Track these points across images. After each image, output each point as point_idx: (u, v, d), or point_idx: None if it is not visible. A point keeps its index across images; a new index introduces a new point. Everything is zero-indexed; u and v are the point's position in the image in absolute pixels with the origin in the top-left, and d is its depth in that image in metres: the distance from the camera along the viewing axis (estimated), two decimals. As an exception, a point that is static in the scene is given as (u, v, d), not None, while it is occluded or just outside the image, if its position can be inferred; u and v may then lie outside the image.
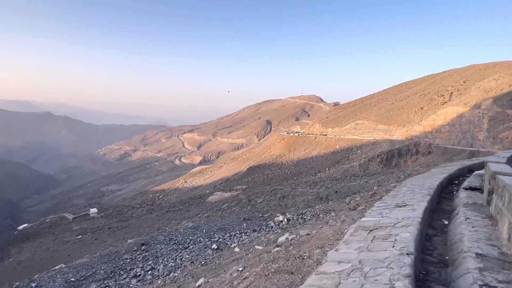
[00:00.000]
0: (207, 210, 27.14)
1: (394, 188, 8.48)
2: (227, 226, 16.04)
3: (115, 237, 25.94)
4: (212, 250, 10.61)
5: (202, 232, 15.30)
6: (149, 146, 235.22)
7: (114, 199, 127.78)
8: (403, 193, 6.96)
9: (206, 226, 16.88)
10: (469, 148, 51.56)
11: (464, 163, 14.12)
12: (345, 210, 7.95)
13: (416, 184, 8.08)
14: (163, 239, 15.37)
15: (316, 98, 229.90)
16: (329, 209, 9.98)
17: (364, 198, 8.96)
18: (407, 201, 5.91)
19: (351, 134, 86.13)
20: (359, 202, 8.25)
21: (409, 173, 17.40)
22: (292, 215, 12.41)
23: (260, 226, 13.45)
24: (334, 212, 8.64)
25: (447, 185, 9.01)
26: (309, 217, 10.37)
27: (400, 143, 65.99)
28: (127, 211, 35.01)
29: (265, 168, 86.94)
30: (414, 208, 5.30)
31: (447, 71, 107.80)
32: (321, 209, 10.80)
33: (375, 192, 9.40)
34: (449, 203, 7.13)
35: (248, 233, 12.65)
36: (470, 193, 6.94)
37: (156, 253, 13.29)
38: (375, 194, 8.79)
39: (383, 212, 5.24)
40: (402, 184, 8.58)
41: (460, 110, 61.16)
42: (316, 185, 29.43)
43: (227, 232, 14.13)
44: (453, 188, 8.99)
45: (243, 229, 14.04)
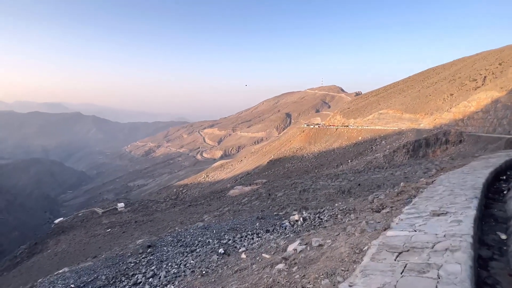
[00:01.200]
0: (228, 204, 27.42)
1: (427, 186, 7.00)
2: (239, 225, 15.38)
3: (141, 231, 27.00)
4: (218, 255, 10.07)
5: (212, 232, 14.82)
6: (172, 142, 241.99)
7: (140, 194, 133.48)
8: (440, 194, 5.43)
9: (217, 226, 16.41)
10: (507, 135, 47.73)
11: (510, 153, 11.51)
12: (367, 211, 6.83)
13: (455, 182, 6.46)
14: (171, 240, 15.00)
15: (336, 89, 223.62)
16: (349, 209, 9.05)
17: (389, 196, 7.68)
18: (447, 207, 4.51)
19: (374, 124, 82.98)
20: (383, 202, 6.97)
21: (442, 166, 15.09)
22: (309, 213, 11.68)
23: (274, 226, 12.77)
24: (354, 214, 7.63)
25: (493, 182, 7.35)
26: (326, 217, 9.58)
27: (427, 132, 62.57)
28: (151, 206, 36.34)
29: (285, 161, 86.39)
30: (458, 218, 3.92)
31: (479, 53, 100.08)
32: (340, 208, 9.82)
33: (402, 189, 7.93)
34: (501, 206, 5.55)
35: (260, 234, 12.09)
36: None
37: (162, 256, 12.83)
38: (403, 192, 7.44)
39: (416, 223, 3.95)
40: (436, 182, 6.95)
41: (496, 95, 56.62)
42: (338, 178, 28.68)
43: (239, 233, 13.55)
44: (501, 186, 7.34)
45: (255, 229, 13.36)
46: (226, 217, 20.43)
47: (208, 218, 23.66)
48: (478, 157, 12.81)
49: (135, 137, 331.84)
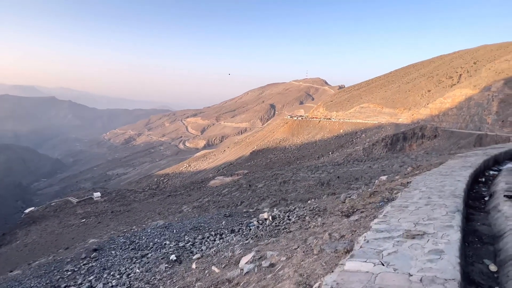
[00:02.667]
0: (208, 194, 27.17)
1: (402, 188, 6.27)
2: (203, 224, 14.30)
3: (118, 221, 26.28)
4: (169, 263, 9.28)
5: (172, 232, 13.66)
6: (153, 130, 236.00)
7: (120, 183, 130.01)
8: (415, 203, 4.56)
9: (179, 224, 15.23)
10: (477, 131, 50.36)
11: (488, 152, 10.89)
12: (336, 214, 6.32)
13: (433, 187, 5.59)
14: (122, 242, 13.60)
15: (320, 81, 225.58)
16: (319, 209, 8.70)
17: (362, 197, 7.27)
18: (424, 224, 3.66)
19: (356, 117, 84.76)
20: (355, 203, 6.50)
21: (418, 163, 14.71)
22: (280, 211, 11.37)
23: (241, 225, 11.86)
24: (322, 217, 7.15)
25: (472, 184, 6.55)
26: (294, 217, 9.07)
27: (405, 126, 64.80)
28: (129, 195, 35.41)
29: (268, 152, 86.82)
30: (439, 247, 3.02)
31: (457, 52, 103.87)
32: (310, 208, 9.44)
33: (375, 189, 7.51)
34: (484, 218, 4.72)
35: (224, 234, 11.22)
36: None
37: (107, 262, 11.38)
38: (376, 193, 6.88)
39: (384, 250, 3.05)
40: (412, 184, 6.05)
41: (469, 93, 59.25)
42: (318, 170, 29.11)
43: (201, 233, 12.47)
44: (481, 190, 6.59)
45: (220, 229, 12.40)
46: (192, 215, 19.44)
47: (187, 208, 23.36)
48: (455, 155, 12.08)
49: (114, 124, 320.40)
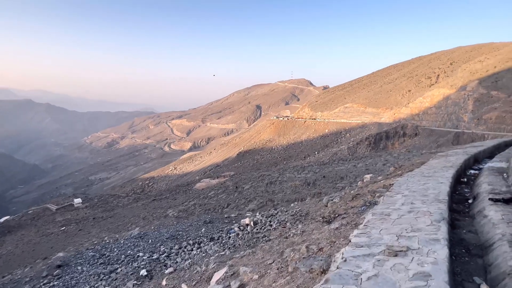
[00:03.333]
0: (194, 197, 26.73)
1: (384, 191, 6.06)
2: (181, 232, 13.59)
3: (100, 228, 25.34)
4: (138, 279, 8.56)
5: (147, 243, 12.84)
6: (137, 133, 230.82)
7: (103, 188, 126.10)
8: (398, 210, 4.24)
9: (155, 233, 14.47)
10: (454, 129, 52.52)
11: (468, 150, 11.00)
12: (317, 220, 6.13)
13: (416, 190, 5.32)
14: (91, 256, 12.50)
15: (305, 82, 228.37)
16: (301, 214, 8.53)
17: (344, 200, 7.13)
18: (408, 236, 3.33)
19: (340, 117, 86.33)
20: (336, 208, 6.42)
21: (401, 163, 14.65)
22: (262, 216, 11.15)
23: (221, 232, 11.36)
24: (303, 223, 6.92)
25: (454, 186, 6.30)
26: (276, 223, 8.83)
27: (388, 125, 66.63)
28: (112, 201, 34.25)
29: (255, 153, 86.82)
30: (425, 268, 2.70)
31: (434, 53, 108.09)
32: (292, 213, 9.22)
33: (357, 192, 7.37)
34: (469, 224, 4.40)
35: (203, 243, 10.63)
36: (503, 209, 4.23)
37: (71, 281, 10.32)
38: (358, 196, 6.73)
39: (363, 272, 2.72)
40: (394, 187, 5.78)
41: (446, 92, 61.76)
42: (304, 170, 29.29)
43: (178, 243, 11.78)
44: (463, 191, 6.32)
45: (199, 237, 11.75)
46: (169, 222, 18.35)
47: (172, 212, 22.85)
48: (436, 154, 12.01)
49: (96, 127, 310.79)
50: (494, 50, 79.76)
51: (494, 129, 46.14)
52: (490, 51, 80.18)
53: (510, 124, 45.21)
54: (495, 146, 12.93)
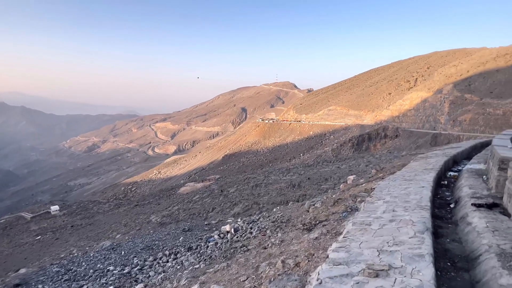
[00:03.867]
0: (178, 202, 26.20)
1: (365, 196, 5.96)
2: (158, 241, 12.92)
3: (78, 236, 24.26)
4: None
5: (120, 255, 12.03)
6: (120, 136, 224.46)
7: (83, 194, 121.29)
8: (380, 220, 3.96)
9: (129, 244, 13.59)
10: (432, 131, 54.64)
11: (446, 152, 11.13)
12: (298, 227, 6.00)
13: (397, 195, 5.15)
14: (55, 272, 11.56)
15: (290, 85, 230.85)
16: (282, 220, 8.29)
17: (325, 205, 7.03)
18: (390, 252, 3.08)
19: (324, 119, 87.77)
20: (317, 214, 6.24)
21: (382, 165, 14.56)
22: (244, 221, 10.81)
23: (200, 240, 10.88)
24: (283, 230, 6.69)
25: (435, 189, 6.26)
26: (255, 231, 8.53)
27: (370, 127, 68.39)
28: (92, 207, 32.89)
29: (240, 156, 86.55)
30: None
31: (412, 57, 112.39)
32: (273, 220, 8.95)
33: (339, 197, 7.29)
34: (453, 232, 4.22)
35: (179, 253, 10.04)
36: (487, 215, 4.06)
37: None
38: (339, 200, 6.66)
39: None
40: (376, 192, 5.57)
41: (424, 95, 64.27)
42: (289, 172, 29.46)
43: (153, 253, 11.13)
44: (445, 195, 6.27)
45: (176, 247, 11.11)
46: (145, 231, 17.19)
47: (155, 218, 22.26)
48: (417, 155, 12.17)
49: (76, 131, 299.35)
50: (467, 55, 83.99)
51: (468, 130, 48.38)
52: (464, 56, 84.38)
53: (483, 125, 47.57)
54: (472, 147, 13.35)
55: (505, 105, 46.79)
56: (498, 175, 5.18)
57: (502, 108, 46.74)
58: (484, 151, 12.07)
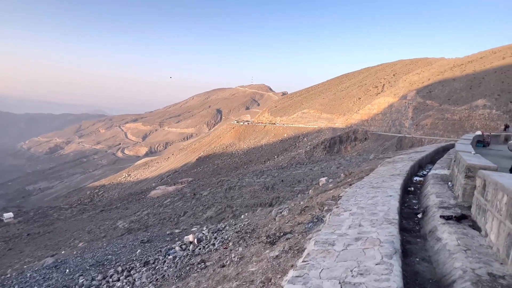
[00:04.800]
0: (148, 206, 25.11)
1: (332, 204, 5.78)
2: (111, 256, 11.61)
3: (36, 246, 22.28)
4: None
5: (64, 273, 10.63)
6: (86, 137, 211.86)
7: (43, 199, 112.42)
8: (345, 238, 3.67)
9: (77, 260, 12.11)
10: (398, 134, 57.92)
11: (412, 156, 11.33)
12: (261, 240, 5.70)
13: (364, 205, 4.88)
14: None
15: (265, 88, 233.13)
16: (247, 230, 7.94)
17: (292, 214, 6.85)
18: (354, 284, 2.79)
19: (298, 122, 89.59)
20: (284, 223, 6.06)
21: (351, 170, 14.49)
22: (209, 230, 10.37)
23: (160, 253, 10.02)
24: (246, 243, 6.34)
25: (402, 196, 6.14)
26: (218, 243, 8.06)
27: (341, 130, 70.92)
28: (52, 213, 30.40)
29: (215, 158, 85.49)
30: None
31: (380, 64, 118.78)
32: (238, 229, 8.56)
33: (306, 204, 7.12)
34: (422, 249, 3.98)
35: (134, 269, 9.14)
36: (457, 230, 3.89)
37: None
38: (307, 208, 6.48)
39: None
40: (343, 202, 5.24)
41: (391, 100, 68.05)
42: (263, 174, 29.53)
43: (104, 270, 9.99)
44: (412, 203, 6.09)
45: (131, 261, 10.08)
46: (98, 244, 15.44)
47: (122, 224, 21.12)
48: (384, 159, 12.04)
49: (36, 131, 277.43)
50: (428, 64, 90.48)
51: (429, 134, 51.95)
52: (425, 65, 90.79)
53: (442, 130, 51.34)
54: (434, 151, 13.86)
55: (460, 111, 50.90)
56: (465, 183, 5.05)
57: (458, 114, 50.79)
58: (446, 155, 12.32)
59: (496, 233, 3.22)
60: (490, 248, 3.31)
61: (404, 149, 47.74)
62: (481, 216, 3.90)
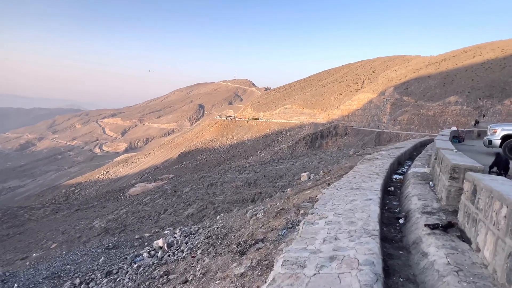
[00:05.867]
0: (126, 205, 24.33)
1: (308, 206, 5.60)
2: (70, 265, 10.66)
3: (4, 248, 20.98)
4: None
5: None
6: (60, 133, 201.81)
7: (14, 198, 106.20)
8: (317, 255, 3.19)
9: (30, 272, 11.01)
10: (377, 129, 59.75)
11: (391, 153, 10.94)
12: (231, 249, 5.48)
13: (341, 211, 4.44)
14: None
15: (248, 83, 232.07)
16: (219, 235, 7.53)
17: (267, 216, 6.62)
18: None
19: (281, 117, 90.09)
20: (257, 227, 5.82)
21: (329, 168, 14.35)
22: (181, 233, 9.95)
23: (125, 260, 9.37)
24: (213, 253, 6.04)
25: (383, 198, 5.81)
26: (187, 250, 7.57)
27: (322, 126, 72.13)
28: (23, 214, 28.74)
29: (197, 154, 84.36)
30: None
31: (360, 61, 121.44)
32: (209, 234, 8.17)
33: (282, 206, 6.92)
34: (406, 265, 3.46)
35: (94, 281, 8.37)
36: (444, 242, 3.44)
37: None
38: (282, 211, 6.29)
39: None
40: (319, 206, 4.77)
41: (370, 96, 69.91)
42: (246, 170, 29.46)
43: (59, 283, 9.07)
44: (392, 205, 5.73)
45: (92, 272, 9.29)
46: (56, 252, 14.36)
47: (99, 223, 20.34)
48: (363, 156, 11.80)
49: (4, 126, 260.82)
50: (405, 61, 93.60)
51: (406, 129, 53.99)
52: (402, 62, 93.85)
53: (417, 125, 53.49)
54: (413, 147, 13.89)
55: (434, 107, 53.20)
56: (449, 185, 4.65)
57: (432, 110, 53.06)
58: (424, 151, 12.16)
59: (492, 250, 2.75)
60: (485, 268, 2.85)
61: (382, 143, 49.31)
62: (470, 225, 3.43)
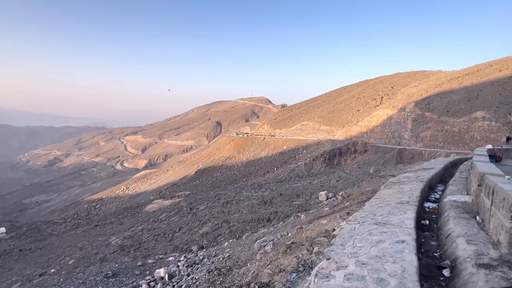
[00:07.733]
0: (143, 221, 24.45)
1: (325, 245, 4.93)
2: None
3: (25, 263, 21.49)
4: None
5: None
6: (85, 150, 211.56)
7: (40, 212, 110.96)
8: None
9: None
10: (397, 146, 57.62)
11: (420, 175, 9.53)
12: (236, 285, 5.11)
13: (366, 260, 3.40)
14: None
15: (265, 100, 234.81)
16: (222, 270, 6.88)
17: (276, 250, 6.07)
18: None
19: (297, 134, 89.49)
20: (263, 265, 5.38)
21: (349, 192, 12.83)
22: (185, 261, 9.44)
23: None
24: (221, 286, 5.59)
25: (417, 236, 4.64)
26: (185, 287, 7.01)
27: (340, 142, 70.68)
28: (46, 228, 29.64)
29: (214, 171, 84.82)
30: None
31: (378, 77, 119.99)
32: (212, 269, 7.49)
33: (294, 240, 6.30)
34: None
35: None
36: None
37: None
38: (293, 246, 5.74)
39: None
40: (336, 249, 3.80)
41: (390, 112, 68.15)
42: (261, 188, 28.98)
43: None
44: (430, 246, 4.63)
45: None
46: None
47: (116, 240, 20.45)
48: (386, 178, 10.14)
49: (36, 144, 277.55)
50: (426, 77, 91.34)
51: (429, 146, 51.63)
52: (422, 77, 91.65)
53: (442, 141, 51.06)
54: (443, 168, 12.24)
55: (459, 123, 50.80)
56: (511, 227, 3.62)
57: (457, 126, 50.65)
58: (458, 173, 10.63)
59: None
60: None
61: (404, 161, 47.27)
62: None
